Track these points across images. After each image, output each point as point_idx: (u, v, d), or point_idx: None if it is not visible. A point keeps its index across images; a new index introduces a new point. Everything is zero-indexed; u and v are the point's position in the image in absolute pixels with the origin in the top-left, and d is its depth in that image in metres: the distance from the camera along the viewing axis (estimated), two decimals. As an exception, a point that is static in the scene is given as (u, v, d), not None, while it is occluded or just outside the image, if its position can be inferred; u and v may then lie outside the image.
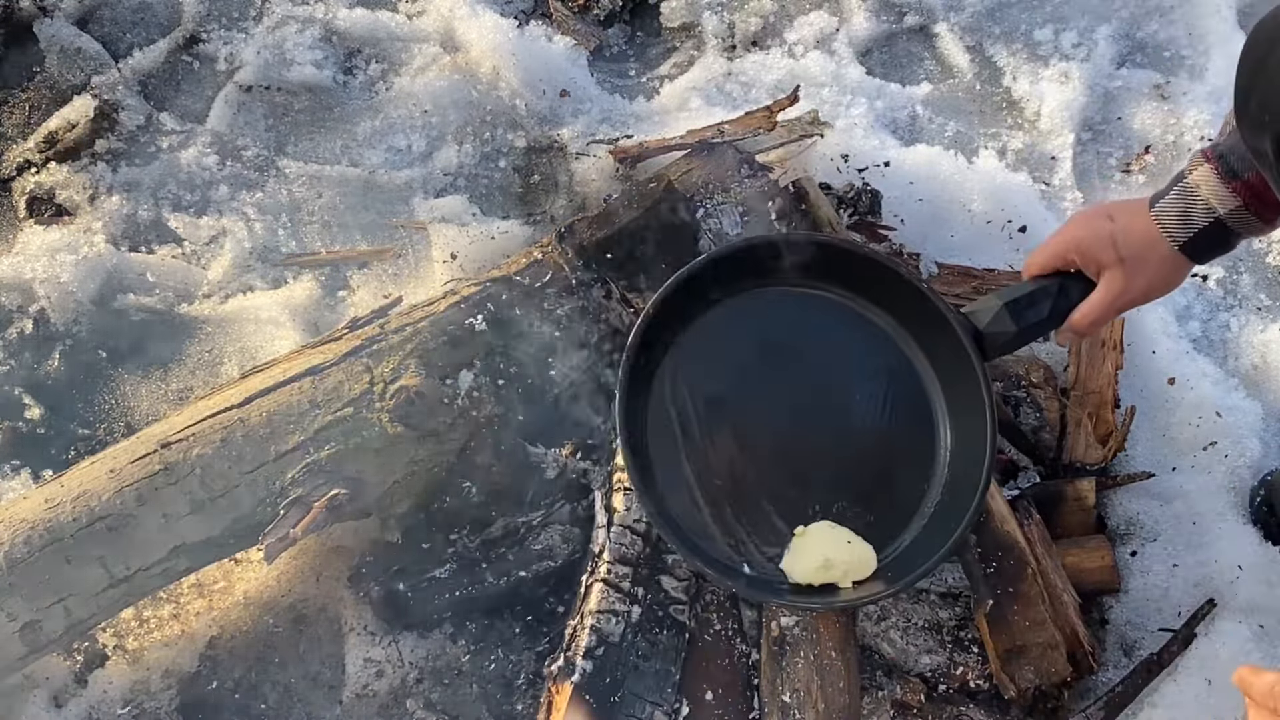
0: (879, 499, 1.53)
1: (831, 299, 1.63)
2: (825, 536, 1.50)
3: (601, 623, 1.47)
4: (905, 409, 1.59)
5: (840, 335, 1.62)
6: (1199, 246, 1.32)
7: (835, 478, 1.54)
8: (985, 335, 1.49)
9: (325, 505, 1.48)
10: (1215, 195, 1.29)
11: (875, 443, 1.57)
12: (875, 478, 1.55)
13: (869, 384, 1.59)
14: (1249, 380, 1.91)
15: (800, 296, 1.63)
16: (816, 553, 1.48)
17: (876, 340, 1.62)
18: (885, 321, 1.62)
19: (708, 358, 1.58)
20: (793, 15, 2.31)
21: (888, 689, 1.56)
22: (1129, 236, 1.36)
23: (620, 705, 1.44)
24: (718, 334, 1.60)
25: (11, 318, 1.90)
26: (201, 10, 2.24)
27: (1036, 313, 1.46)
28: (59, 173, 2.05)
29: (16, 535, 1.43)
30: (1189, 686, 1.56)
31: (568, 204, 2.04)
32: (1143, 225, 1.35)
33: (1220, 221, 1.29)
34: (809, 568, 1.47)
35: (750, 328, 1.61)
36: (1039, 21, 2.29)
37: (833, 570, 1.46)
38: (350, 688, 1.60)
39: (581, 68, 2.20)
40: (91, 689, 1.58)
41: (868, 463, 1.56)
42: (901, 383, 1.60)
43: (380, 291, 1.93)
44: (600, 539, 1.54)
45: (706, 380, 1.57)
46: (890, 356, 1.61)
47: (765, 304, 1.63)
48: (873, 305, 1.62)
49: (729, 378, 1.58)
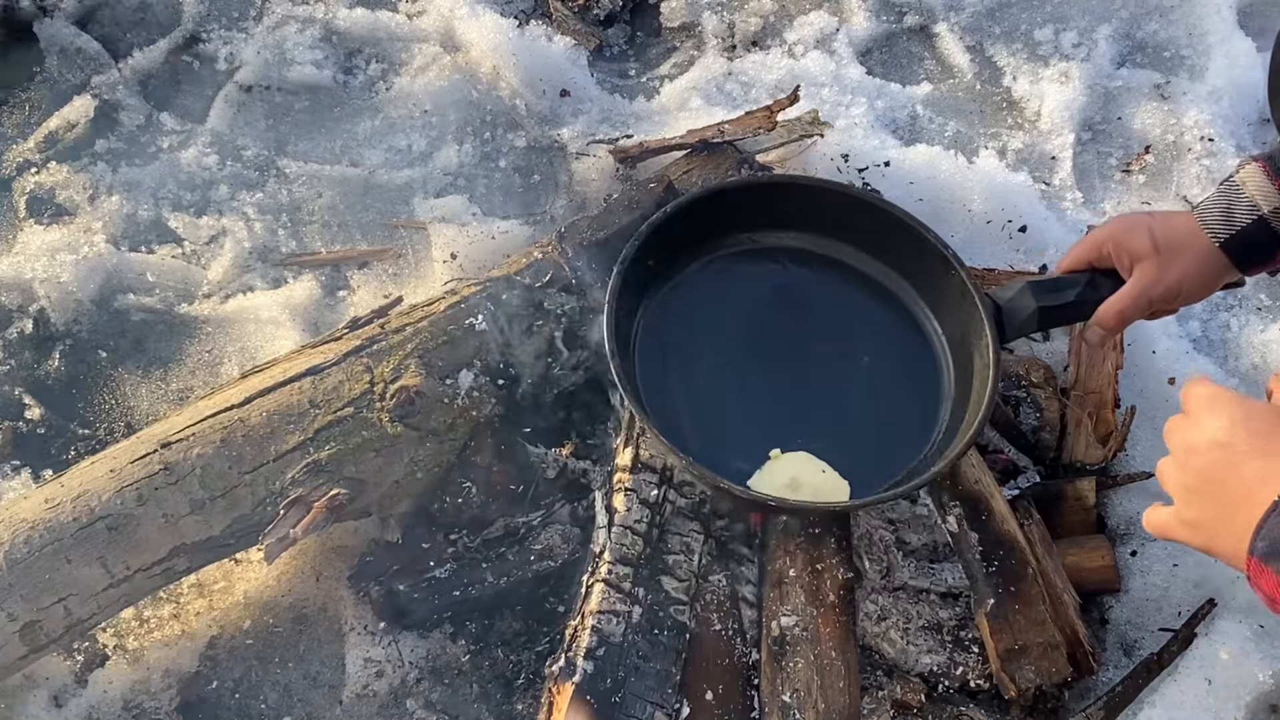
0: (865, 448, 1.55)
1: (848, 257, 1.67)
2: (800, 462, 1.51)
3: (602, 623, 1.47)
4: (910, 370, 1.61)
5: (854, 292, 1.65)
6: (1240, 245, 1.30)
7: (826, 420, 1.57)
8: (1005, 310, 1.49)
9: (325, 505, 1.48)
10: (1260, 192, 1.27)
11: (873, 398, 1.60)
12: (867, 429, 1.57)
13: (876, 341, 1.63)
14: (1249, 380, 1.91)
15: (816, 251, 1.67)
16: (787, 471, 1.49)
17: (892, 303, 1.65)
18: (902, 287, 1.64)
19: (713, 293, 1.63)
20: (793, 15, 2.31)
21: (888, 689, 1.56)
22: (1167, 228, 1.34)
23: (621, 706, 1.44)
24: (728, 274, 1.65)
25: (11, 318, 1.90)
26: (201, 10, 2.24)
27: (1060, 296, 1.45)
28: (59, 173, 2.06)
29: (16, 535, 1.43)
30: (1189, 686, 1.56)
31: (568, 204, 2.05)
32: (1182, 220, 1.34)
33: (1264, 220, 1.28)
34: (777, 484, 1.47)
35: (765, 272, 1.65)
36: (1039, 21, 2.29)
37: (800, 491, 1.47)
38: (350, 688, 1.60)
39: (581, 68, 2.20)
40: (91, 689, 1.58)
41: (861, 414, 1.58)
42: (910, 345, 1.62)
43: (380, 291, 1.93)
44: (601, 539, 1.54)
45: (710, 313, 1.61)
46: (904, 319, 1.64)
47: (784, 251, 1.67)
48: (891, 269, 1.64)
49: (732, 315, 1.62)
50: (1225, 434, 0.90)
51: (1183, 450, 0.94)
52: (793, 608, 1.53)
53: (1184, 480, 0.94)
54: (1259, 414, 0.90)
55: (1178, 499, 0.95)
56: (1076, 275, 1.45)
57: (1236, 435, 0.90)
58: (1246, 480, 0.87)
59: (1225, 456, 0.89)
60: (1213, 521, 0.91)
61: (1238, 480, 0.88)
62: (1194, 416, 0.94)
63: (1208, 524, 0.92)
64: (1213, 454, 0.90)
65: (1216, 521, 0.91)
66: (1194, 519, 0.93)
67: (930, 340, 1.64)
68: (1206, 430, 0.92)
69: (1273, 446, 0.88)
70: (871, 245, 1.67)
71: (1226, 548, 0.90)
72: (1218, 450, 0.90)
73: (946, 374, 1.62)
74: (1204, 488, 0.92)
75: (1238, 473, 0.88)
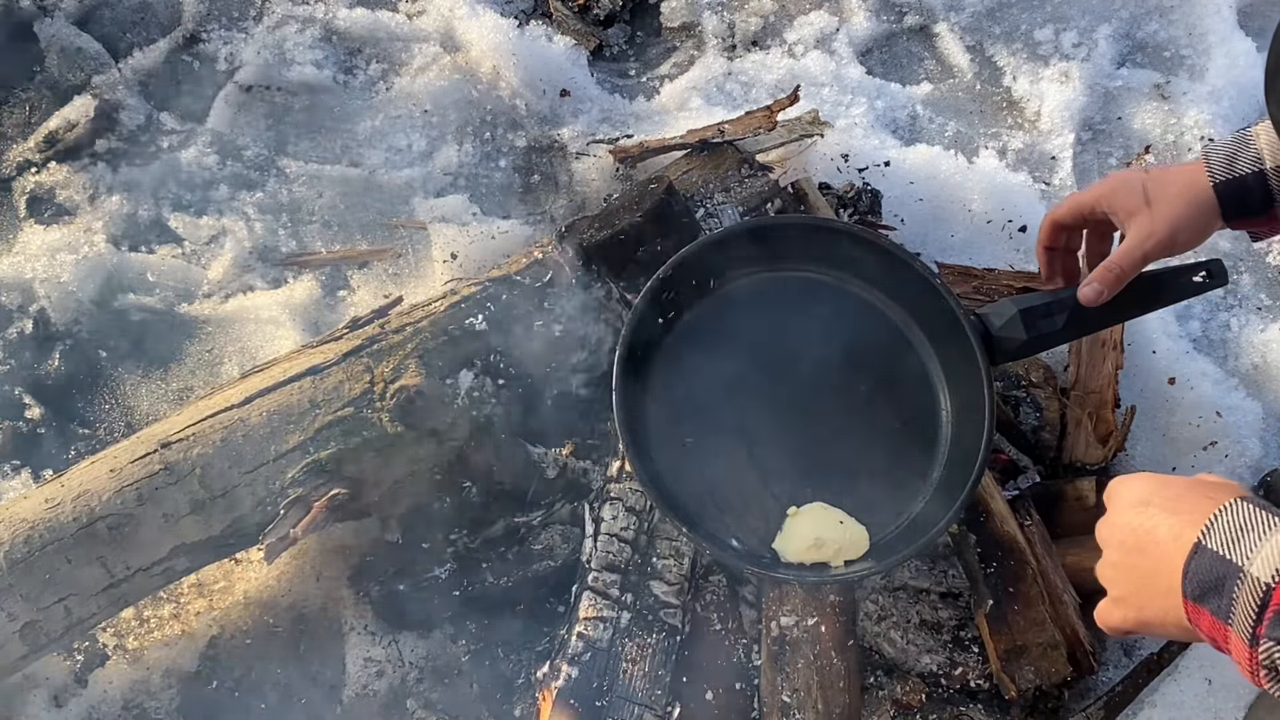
0: (876, 484, 1.54)
1: (840, 286, 1.64)
2: (818, 516, 1.51)
3: (589, 629, 1.48)
4: (908, 400, 1.60)
5: (847, 323, 1.63)
6: (1233, 191, 1.31)
7: (833, 461, 1.55)
8: (996, 339, 1.49)
9: (325, 505, 1.48)
10: (1270, 147, 1.28)
11: (876, 430, 1.58)
12: (874, 464, 1.56)
13: (873, 372, 1.60)
14: (1249, 380, 1.91)
15: (809, 282, 1.64)
16: (808, 532, 1.49)
17: (883, 330, 1.63)
18: (894, 312, 1.62)
19: (710, 338, 1.60)
20: (793, 15, 2.31)
21: (888, 689, 1.56)
22: (1160, 180, 1.35)
23: (608, 709, 1.44)
24: (722, 316, 1.61)
25: (11, 318, 1.90)
26: (201, 10, 2.24)
27: (1051, 324, 1.46)
28: (59, 173, 2.05)
29: (16, 535, 1.43)
30: (1189, 686, 1.56)
31: (568, 204, 2.05)
32: (1176, 171, 1.35)
33: (1264, 174, 1.29)
34: (800, 546, 1.48)
35: (756, 311, 1.62)
36: (1039, 21, 2.29)
37: (824, 549, 1.47)
38: (350, 688, 1.60)
39: (581, 68, 2.20)
40: (91, 689, 1.58)
41: (867, 449, 1.57)
42: (906, 374, 1.61)
43: (380, 291, 1.93)
44: (588, 548, 1.54)
45: (708, 360, 1.58)
46: (897, 347, 1.62)
47: (774, 287, 1.64)
48: (884, 296, 1.63)
49: (730, 360, 1.59)
50: (1143, 493, 0.96)
51: (1106, 533, 1.00)
52: (793, 608, 1.53)
53: (1109, 560, 0.99)
54: (1173, 481, 0.97)
55: (1107, 583, 1.00)
56: (1065, 299, 1.45)
57: (1154, 495, 0.95)
58: (1162, 542, 0.92)
59: (1142, 522, 0.94)
60: (1138, 589, 0.96)
61: (1154, 544, 0.93)
62: (1114, 497, 1.00)
63: (1135, 593, 0.96)
64: (1131, 520, 0.96)
65: (1141, 588, 0.95)
66: (1123, 594, 0.98)
67: (926, 367, 1.62)
68: (1125, 499, 0.98)
69: (1184, 506, 0.93)
70: (864, 274, 1.65)
71: (1156, 611, 0.94)
72: (1136, 513, 0.95)
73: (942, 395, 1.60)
74: (1125, 560, 0.97)
75: (1153, 537, 0.93)
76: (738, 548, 1.49)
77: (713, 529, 1.50)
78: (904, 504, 1.54)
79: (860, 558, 1.48)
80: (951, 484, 1.51)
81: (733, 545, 1.49)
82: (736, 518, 1.52)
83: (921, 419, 1.59)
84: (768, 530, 1.51)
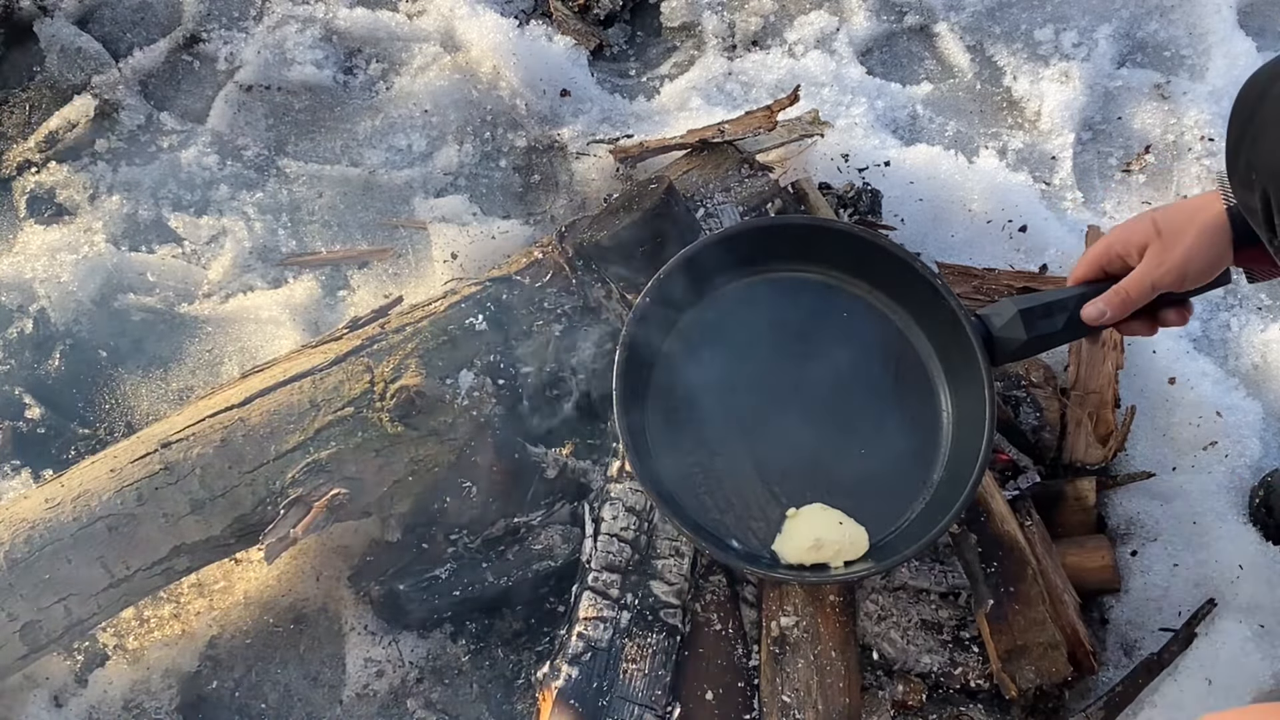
0: (876, 485, 1.54)
1: (840, 287, 1.64)
2: (817, 517, 1.51)
3: (589, 629, 1.48)
4: (909, 400, 1.60)
5: (847, 323, 1.62)
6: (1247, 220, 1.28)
7: (833, 462, 1.55)
8: (996, 340, 1.49)
9: (325, 505, 1.48)
10: None
11: (876, 431, 1.58)
12: (874, 464, 1.56)
13: (873, 372, 1.60)
14: (1249, 380, 1.91)
15: (809, 283, 1.64)
16: (808, 533, 1.49)
17: (884, 330, 1.62)
18: (894, 313, 1.62)
19: (710, 338, 1.59)
20: (793, 15, 2.31)
21: (888, 689, 1.56)
22: (1169, 213, 1.35)
23: (608, 709, 1.44)
24: (723, 316, 1.61)
25: (11, 318, 1.90)
26: (201, 10, 2.24)
27: (1051, 324, 1.46)
28: (59, 173, 2.05)
29: (16, 535, 1.43)
30: (1189, 686, 1.56)
31: (568, 204, 2.05)
32: (1184, 204, 1.35)
33: None
34: (800, 547, 1.48)
35: (757, 312, 1.62)
36: (1039, 21, 2.29)
37: (824, 550, 1.47)
38: (350, 688, 1.60)
39: (582, 67, 2.20)
40: (91, 689, 1.58)
41: (867, 450, 1.57)
42: (906, 374, 1.61)
43: (380, 291, 1.93)
44: (588, 548, 1.54)
45: (708, 360, 1.58)
46: (897, 348, 1.62)
47: (774, 289, 1.63)
48: (884, 296, 1.62)
49: (731, 360, 1.59)
50: None
51: None
52: (793, 608, 1.53)
53: None
54: None
55: None
56: (1066, 300, 1.45)
57: None
58: None
59: None
60: None
61: None
62: None
63: None
64: None
65: None
66: None
67: (926, 367, 1.62)
68: None
69: None
70: (865, 275, 1.65)
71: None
72: None
73: (943, 396, 1.60)
74: None
75: None
76: (738, 548, 1.49)
77: (713, 529, 1.50)
78: (904, 504, 1.54)
79: (860, 558, 1.48)
80: (952, 484, 1.51)
81: (733, 546, 1.49)
82: (736, 518, 1.52)
83: (922, 419, 1.59)
84: (767, 531, 1.51)
